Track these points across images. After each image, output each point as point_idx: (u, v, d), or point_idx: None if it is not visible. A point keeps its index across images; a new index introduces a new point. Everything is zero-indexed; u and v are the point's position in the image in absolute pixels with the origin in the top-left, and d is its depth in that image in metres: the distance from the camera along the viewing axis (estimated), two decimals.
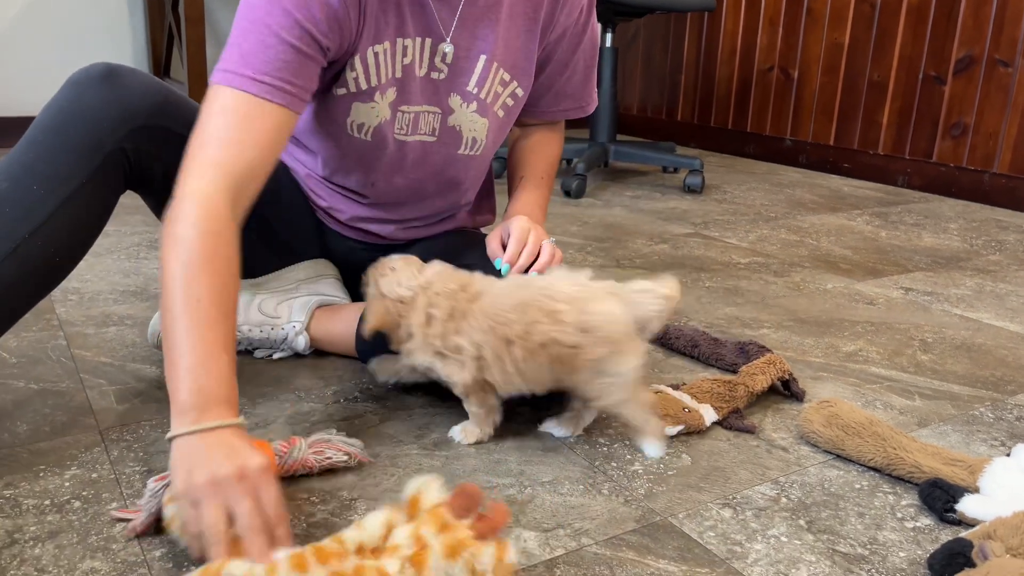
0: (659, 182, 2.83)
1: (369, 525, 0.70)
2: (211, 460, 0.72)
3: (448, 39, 1.06)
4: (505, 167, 2.85)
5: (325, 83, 1.05)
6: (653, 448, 1.00)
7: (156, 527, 0.80)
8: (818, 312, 1.55)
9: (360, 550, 0.69)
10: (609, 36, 2.77)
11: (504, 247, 1.12)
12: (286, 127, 0.94)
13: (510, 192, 1.27)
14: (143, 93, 0.98)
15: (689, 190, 2.67)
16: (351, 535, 0.70)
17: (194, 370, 0.77)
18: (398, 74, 1.06)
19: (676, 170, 3.04)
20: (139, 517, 0.80)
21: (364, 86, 1.05)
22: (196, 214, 0.84)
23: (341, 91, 1.05)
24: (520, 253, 1.09)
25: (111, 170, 0.96)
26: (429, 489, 0.73)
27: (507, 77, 1.13)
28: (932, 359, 1.35)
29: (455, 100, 1.11)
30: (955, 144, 2.72)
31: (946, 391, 1.23)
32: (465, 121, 1.13)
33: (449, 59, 1.08)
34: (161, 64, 3.05)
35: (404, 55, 1.05)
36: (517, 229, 1.12)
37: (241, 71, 0.90)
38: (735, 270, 1.81)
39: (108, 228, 1.93)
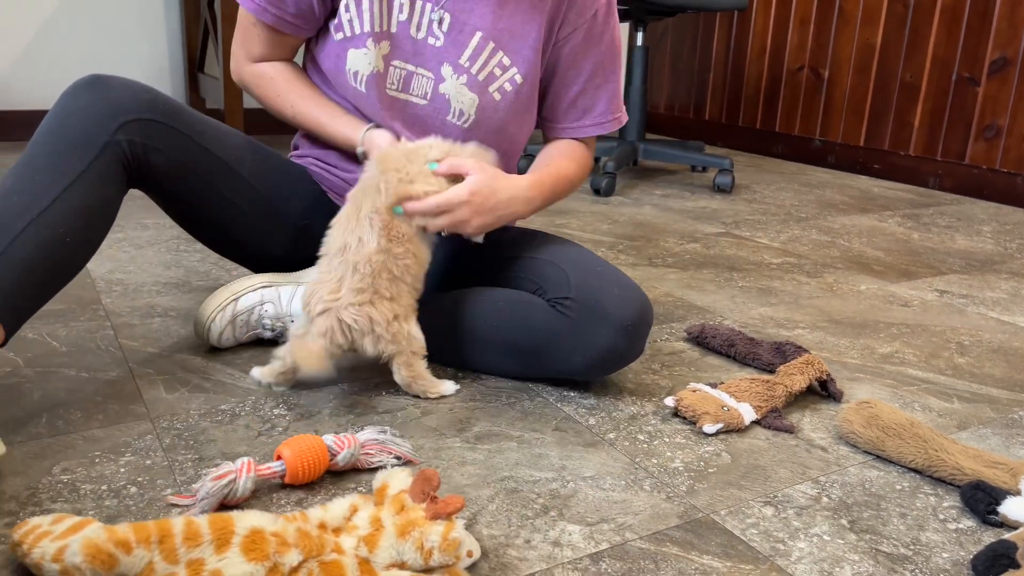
0: (688, 181, 2.83)
1: (334, 507, 0.78)
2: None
3: (440, 6, 1.12)
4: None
5: (325, 25, 1.17)
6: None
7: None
8: (852, 313, 1.55)
9: (322, 527, 0.76)
10: (640, 35, 2.77)
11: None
12: (282, 41, 1.19)
13: None
14: (129, 92, 1.07)
15: (719, 189, 2.67)
16: (315, 513, 0.77)
17: (334, 130, 1.19)
18: (393, 28, 1.13)
19: (705, 169, 3.03)
20: (195, 507, 0.83)
21: (357, 30, 1.13)
22: (258, 73, 1.22)
23: (339, 35, 1.15)
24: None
25: (109, 161, 1.03)
26: (395, 478, 0.80)
27: (507, 61, 1.16)
28: (970, 362, 1.34)
29: (447, 69, 1.16)
30: (988, 146, 2.70)
31: (985, 394, 1.23)
32: (453, 91, 1.17)
33: (446, 27, 1.13)
34: (196, 60, 3.09)
35: (400, 11, 1.13)
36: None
37: None
38: (767, 270, 1.81)
39: (147, 222, 1.96)
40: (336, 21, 1.15)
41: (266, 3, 1.14)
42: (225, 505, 0.85)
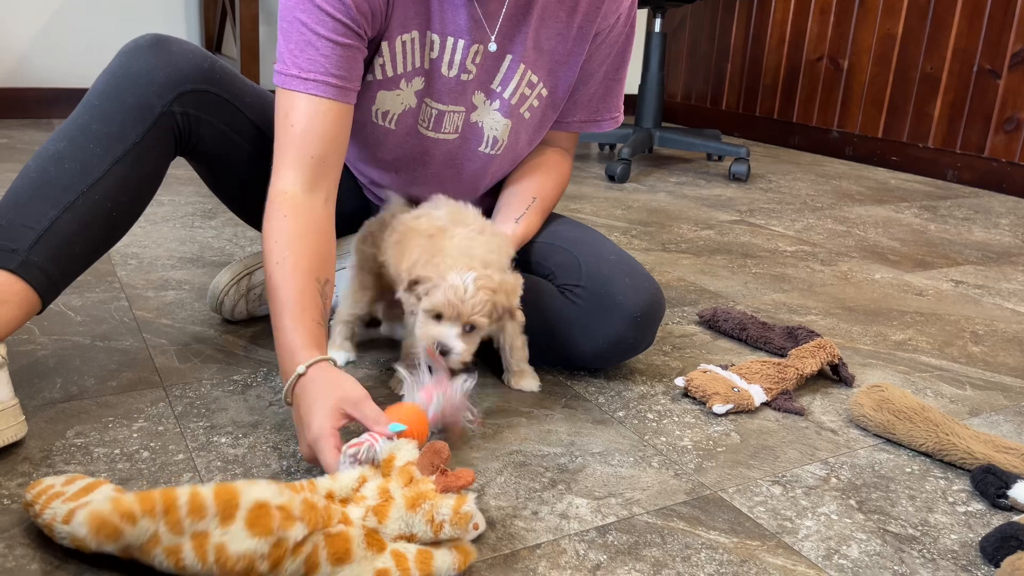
0: (703, 169, 2.81)
1: (342, 477, 0.76)
2: (299, 425, 0.85)
3: (493, 39, 1.07)
4: None
5: None
6: None
7: None
8: (866, 301, 1.55)
9: (329, 497, 0.74)
10: (659, 21, 2.76)
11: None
12: (343, 116, 1.00)
13: (500, 207, 1.18)
14: (189, 60, 1.03)
15: (734, 178, 2.65)
16: (323, 482, 0.75)
17: (285, 339, 0.89)
18: (426, 65, 1.07)
19: (721, 158, 3.02)
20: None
21: (390, 73, 1.06)
22: (282, 210, 0.96)
23: (368, 78, 1.07)
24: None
25: (162, 132, 1.01)
26: (402, 449, 0.78)
27: (535, 79, 1.12)
28: (983, 351, 1.34)
29: (479, 97, 1.11)
30: (1008, 139, 2.67)
31: (998, 382, 1.22)
32: (487, 119, 1.12)
33: (479, 59, 1.08)
34: (213, 40, 3.10)
35: (431, 49, 1.06)
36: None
37: (288, 71, 0.98)
38: (781, 257, 1.80)
39: (163, 198, 1.97)
40: (368, 65, 1.07)
41: (321, 75, 0.97)
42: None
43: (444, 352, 0.95)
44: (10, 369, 1.05)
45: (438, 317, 0.97)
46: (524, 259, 1.19)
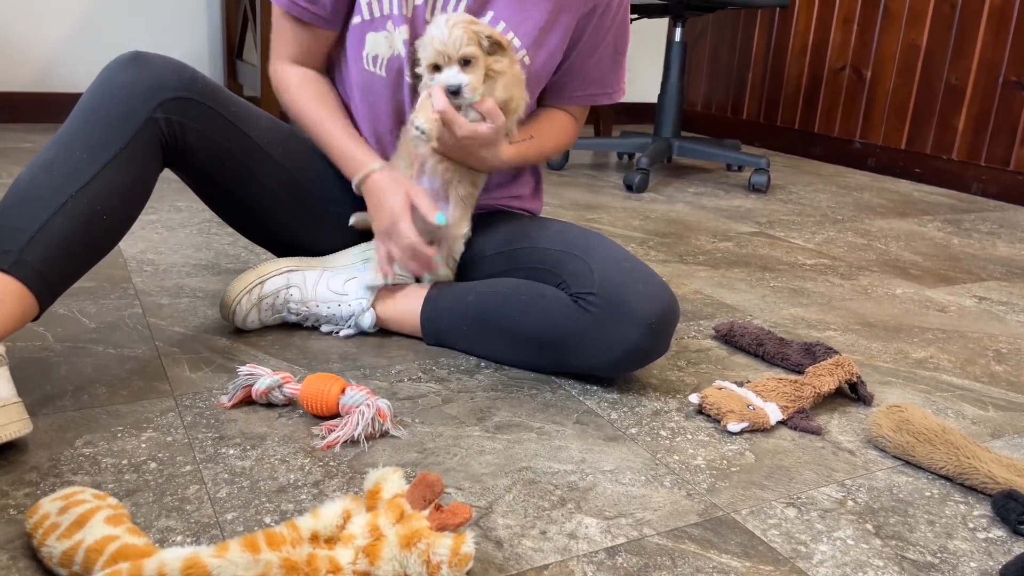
0: (723, 180, 2.79)
1: (325, 514, 0.71)
2: (372, 209, 1.18)
3: None
4: (565, 159, 2.84)
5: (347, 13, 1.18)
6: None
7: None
8: (887, 317, 1.52)
9: (314, 538, 0.69)
10: (679, 31, 2.74)
11: None
12: (324, 38, 1.19)
13: None
14: (169, 70, 1.08)
15: (754, 189, 2.63)
16: (306, 523, 0.70)
17: (342, 154, 1.19)
18: (408, 13, 1.14)
19: (740, 168, 2.99)
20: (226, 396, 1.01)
21: (377, 13, 1.14)
22: (288, 81, 1.21)
23: (356, 19, 1.16)
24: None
25: (148, 137, 1.04)
26: (389, 480, 0.73)
27: (516, 43, 1.17)
28: (1007, 370, 1.31)
29: None
30: None
31: (1021, 403, 1.19)
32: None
33: (462, 8, 1.14)
34: (235, 47, 3.11)
35: None
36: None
37: None
38: (800, 271, 1.78)
39: (180, 204, 1.98)
40: (355, 7, 1.16)
41: (305, 4, 1.15)
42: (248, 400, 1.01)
43: (456, 92, 1.08)
44: (22, 374, 1.05)
45: (438, 69, 1.09)
46: (537, 267, 1.18)
